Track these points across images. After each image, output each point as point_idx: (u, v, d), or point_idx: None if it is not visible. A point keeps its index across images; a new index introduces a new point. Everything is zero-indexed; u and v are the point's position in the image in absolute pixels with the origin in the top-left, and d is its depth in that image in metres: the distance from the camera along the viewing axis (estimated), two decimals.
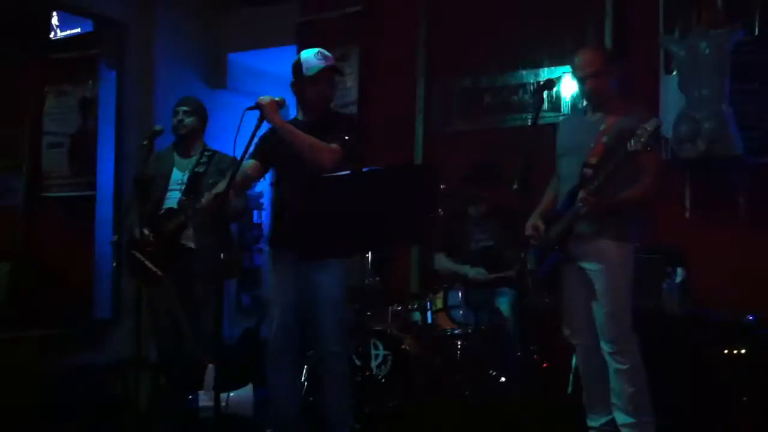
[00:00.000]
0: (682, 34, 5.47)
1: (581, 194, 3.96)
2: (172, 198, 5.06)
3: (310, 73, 4.21)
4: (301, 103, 4.32)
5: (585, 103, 4.38)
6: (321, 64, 4.23)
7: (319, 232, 3.77)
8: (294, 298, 4.24)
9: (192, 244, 5.01)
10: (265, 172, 4.41)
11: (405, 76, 6.59)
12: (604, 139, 4.07)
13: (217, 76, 7.63)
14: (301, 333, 4.31)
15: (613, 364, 4.08)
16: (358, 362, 4.87)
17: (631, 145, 3.81)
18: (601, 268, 4.08)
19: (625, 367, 4.04)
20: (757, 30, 5.30)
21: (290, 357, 4.30)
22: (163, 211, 5.02)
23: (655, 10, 5.60)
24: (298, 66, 4.27)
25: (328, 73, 4.30)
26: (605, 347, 4.09)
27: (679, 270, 5.03)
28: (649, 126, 3.80)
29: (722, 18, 5.36)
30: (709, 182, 5.40)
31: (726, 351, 4.72)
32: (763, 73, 5.31)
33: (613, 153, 3.98)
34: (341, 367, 4.25)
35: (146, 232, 4.92)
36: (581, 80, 4.20)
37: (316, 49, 4.30)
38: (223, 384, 4.48)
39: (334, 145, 4.10)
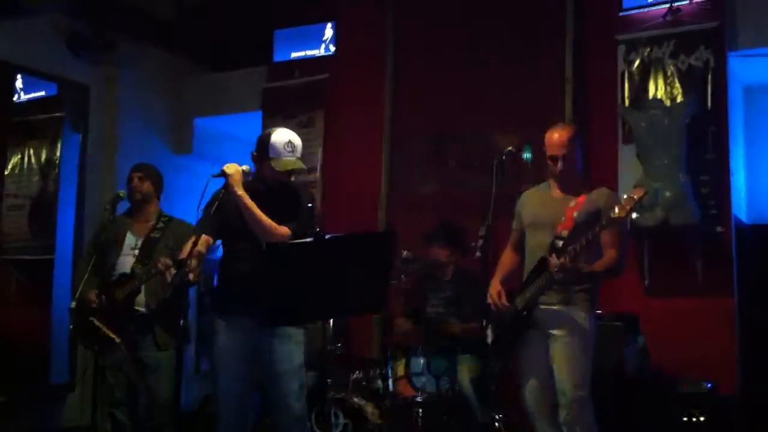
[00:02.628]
0: (639, 105, 5.62)
1: (556, 261, 3.99)
2: (125, 263, 5.01)
3: (276, 167, 4.10)
4: (258, 173, 4.20)
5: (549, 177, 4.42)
6: (290, 157, 4.12)
7: (281, 299, 3.77)
8: (247, 367, 4.13)
9: (144, 310, 4.95)
10: (215, 240, 4.25)
11: (369, 140, 6.66)
12: (575, 214, 4.14)
13: (182, 141, 7.65)
14: (252, 402, 4.23)
15: None
16: (318, 431, 4.80)
17: (615, 212, 3.89)
18: (566, 333, 4.10)
19: None
20: (711, 102, 5.45)
21: (242, 429, 4.17)
22: (115, 277, 4.97)
23: (614, 82, 5.75)
24: (265, 145, 4.13)
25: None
26: (562, 415, 4.08)
27: (640, 337, 5.07)
28: (635, 194, 3.88)
29: (678, 90, 5.52)
30: (667, 250, 5.48)
31: (686, 418, 4.74)
32: (718, 143, 5.45)
33: (585, 227, 4.05)
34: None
35: (94, 297, 4.86)
36: (552, 161, 4.27)
37: (287, 137, 4.15)
38: None
39: (285, 229, 4.04)
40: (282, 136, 4.14)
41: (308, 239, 3.79)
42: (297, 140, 4.17)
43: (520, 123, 6.07)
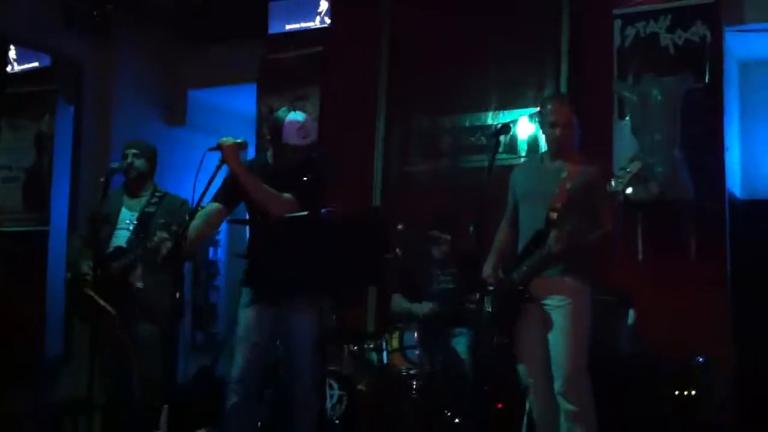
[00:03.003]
0: (635, 80, 5.61)
1: (555, 234, 4.02)
2: (120, 237, 5.02)
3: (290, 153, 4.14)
4: (273, 151, 4.26)
5: (543, 149, 4.45)
6: (302, 143, 4.12)
7: (284, 273, 3.82)
8: (267, 340, 4.21)
9: (140, 284, 4.96)
10: (229, 213, 4.37)
11: (364, 116, 6.64)
12: (568, 185, 4.14)
13: (176, 113, 7.63)
14: (263, 374, 4.31)
15: (564, 404, 4.09)
16: None
17: (612, 186, 3.92)
18: (565, 303, 4.12)
19: (575, 408, 4.05)
20: (707, 77, 5.44)
21: (252, 397, 4.24)
22: (111, 250, 4.99)
23: (609, 57, 5.73)
24: (278, 130, 4.14)
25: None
26: (558, 386, 4.11)
27: (631, 312, 5.10)
28: (631, 168, 3.91)
29: (674, 65, 5.51)
30: (661, 225, 5.50)
31: (677, 392, 4.78)
32: (713, 119, 5.45)
33: (578, 198, 4.07)
34: (315, 409, 4.23)
35: (91, 264, 4.88)
36: (551, 127, 4.27)
37: (299, 122, 4.13)
38: (179, 426, 4.41)
39: (288, 196, 4.08)
40: (294, 121, 4.14)
41: (303, 212, 3.82)
42: (309, 123, 4.19)
43: (517, 99, 6.08)
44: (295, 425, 4.22)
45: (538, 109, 4.55)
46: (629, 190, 3.95)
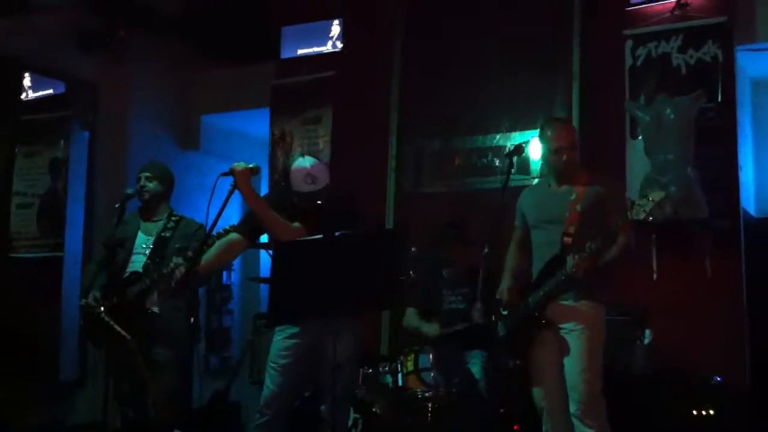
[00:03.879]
0: (647, 100, 5.61)
1: (575, 260, 4.01)
2: (137, 262, 5.04)
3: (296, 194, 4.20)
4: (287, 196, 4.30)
5: (548, 173, 4.43)
6: (309, 189, 4.15)
7: (305, 296, 3.81)
8: (295, 363, 4.22)
9: (156, 309, 4.98)
10: (250, 245, 4.41)
11: (377, 138, 6.66)
12: (578, 207, 4.16)
13: (189, 138, 7.67)
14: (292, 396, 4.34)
15: (580, 427, 4.07)
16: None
17: (632, 214, 3.91)
18: (579, 328, 4.13)
19: (591, 430, 4.04)
20: (719, 96, 5.43)
21: (282, 415, 4.25)
22: (127, 275, 5.00)
23: (621, 77, 5.73)
24: (286, 176, 4.21)
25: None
26: (573, 409, 4.10)
27: (647, 331, 5.08)
28: (654, 197, 3.90)
29: (686, 85, 5.51)
30: (675, 244, 5.47)
31: (695, 412, 4.74)
32: (726, 137, 5.44)
33: (590, 219, 4.08)
34: (340, 429, 4.22)
35: (98, 295, 4.90)
36: (556, 152, 4.27)
37: (306, 169, 4.17)
38: None
39: (296, 225, 4.10)
40: (301, 168, 4.17)
41: (316, 236, 3.82)
42: (317, 169, 4.20)
43: (528, 120, 6.09)
44: None
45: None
46: (650, 219, 3.94)
